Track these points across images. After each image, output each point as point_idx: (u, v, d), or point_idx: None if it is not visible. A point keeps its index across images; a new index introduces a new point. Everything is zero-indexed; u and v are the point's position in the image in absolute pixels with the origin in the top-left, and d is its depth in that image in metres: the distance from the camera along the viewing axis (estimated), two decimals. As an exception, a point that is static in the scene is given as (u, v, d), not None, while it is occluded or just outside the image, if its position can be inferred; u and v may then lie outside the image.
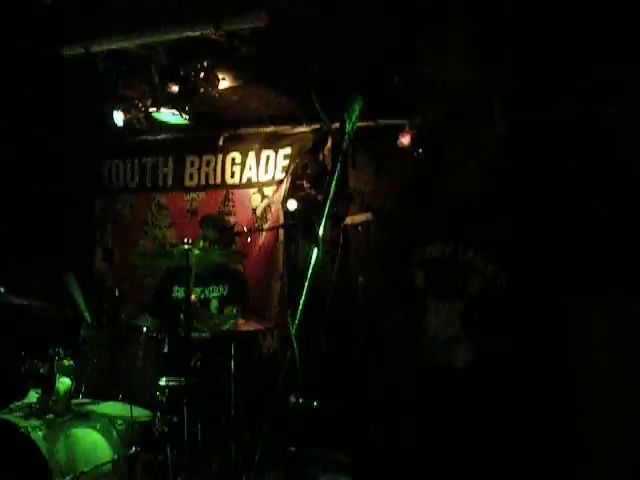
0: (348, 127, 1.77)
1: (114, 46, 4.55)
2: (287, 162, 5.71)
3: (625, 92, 4.39)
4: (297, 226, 5.35)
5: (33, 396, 3.85)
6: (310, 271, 1.68)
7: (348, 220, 4.96)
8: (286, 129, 5.72)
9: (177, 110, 4.99)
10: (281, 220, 5.67)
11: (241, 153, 5.94)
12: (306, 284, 1.68)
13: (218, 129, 5.91)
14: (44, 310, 4.04)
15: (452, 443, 1.84)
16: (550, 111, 4.38)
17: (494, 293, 1.75)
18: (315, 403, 3.89)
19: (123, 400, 3.69)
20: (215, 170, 6.05)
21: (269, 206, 5.77)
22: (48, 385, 3.84)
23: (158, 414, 3.87)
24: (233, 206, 5.94)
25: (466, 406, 1.79)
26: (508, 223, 1.80)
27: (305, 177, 5.49)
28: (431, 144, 1.86)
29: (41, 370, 3.84)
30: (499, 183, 1.83)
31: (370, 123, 4.35)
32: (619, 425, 1.89)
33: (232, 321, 4.29)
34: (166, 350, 3.93)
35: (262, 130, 5.83)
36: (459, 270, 1.80)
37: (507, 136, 1.90)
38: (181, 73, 4.64)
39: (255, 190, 5.86)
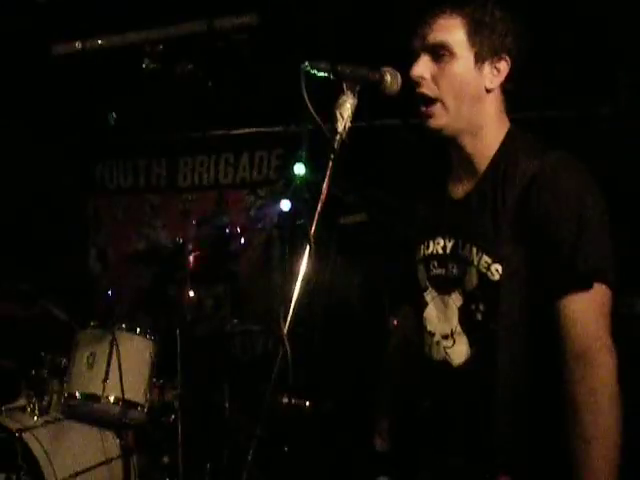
0: (340, 125, 1.75)
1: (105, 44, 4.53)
2: (280, 162, 5.71)
3: (617, 91, 4.40)
4: (290, 226, 5.35)
5: (24, 398, 3.82)
6: (302, 270, 1.67)
7: (342, 220, 4.95)
8: (279, 129, 5.72)
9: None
10: (275, 220, 5.67)
11: (234, 153, 5.93)
12: (298, 284, 1.67)
13: (211, 129, 5.90)
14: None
15: (448, 439, 1.82)
16: (543, 111, 4.39)
17: (488, 285, 1.73)
18: (307, 403, 3.89)
19: (117, 401, 3.68)
20: (208, 170, 6.05)
21: (263, 206, 5.77)
22: (40, 386, 3.81)
23: (152, 415, 3.85)
24: (227, 206, 5.93)
25: (464, 402, 1.78)
26: (499, 215, 1.78)
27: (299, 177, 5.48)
28: (426, 142, 1.86)
29: (33, 371, 3.81)
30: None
31: (363, 123, 4.35)
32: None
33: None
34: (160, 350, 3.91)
35: (255, 130, 5.83)
36: (457, 264, 1.79)
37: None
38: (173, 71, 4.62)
39: (248, 190, 5.86)
